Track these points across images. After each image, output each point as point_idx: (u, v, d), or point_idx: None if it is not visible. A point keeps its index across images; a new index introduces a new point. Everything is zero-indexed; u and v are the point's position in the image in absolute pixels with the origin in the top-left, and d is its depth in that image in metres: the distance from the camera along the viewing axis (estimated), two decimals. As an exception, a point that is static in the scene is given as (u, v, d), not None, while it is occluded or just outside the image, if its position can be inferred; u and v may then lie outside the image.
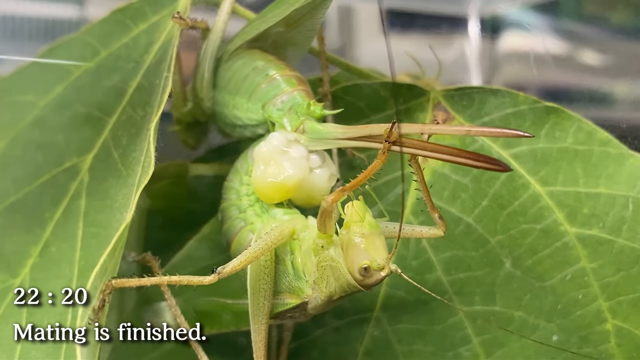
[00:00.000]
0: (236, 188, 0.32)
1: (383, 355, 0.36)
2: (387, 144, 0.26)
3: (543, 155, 0.34)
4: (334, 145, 0.30)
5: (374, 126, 0.28)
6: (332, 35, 0.60)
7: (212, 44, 0.34)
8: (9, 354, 0.30)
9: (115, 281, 0.28)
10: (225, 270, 0.28)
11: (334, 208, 0.27)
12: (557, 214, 0.34)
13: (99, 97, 0.35)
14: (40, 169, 0.34)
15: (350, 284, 0.28)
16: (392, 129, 0.26)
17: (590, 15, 0.50)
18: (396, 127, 0.26)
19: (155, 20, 0.36)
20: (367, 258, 0.27)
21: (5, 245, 0.33)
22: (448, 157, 0.26)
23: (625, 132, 0.36)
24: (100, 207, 0.32)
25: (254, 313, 0.30)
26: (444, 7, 0.57)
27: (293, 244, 0.30)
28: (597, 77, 0.48)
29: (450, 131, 0.31)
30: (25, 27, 0.48)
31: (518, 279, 0.35)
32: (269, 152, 0.30)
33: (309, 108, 0.30)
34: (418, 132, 0.28)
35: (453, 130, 0.31)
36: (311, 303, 0.30)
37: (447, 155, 0.26)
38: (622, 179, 0.33)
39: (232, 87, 0.34)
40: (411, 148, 0.27)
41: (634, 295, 0.33)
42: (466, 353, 0.35)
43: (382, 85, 0.37)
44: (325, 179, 0.31)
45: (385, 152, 0.27)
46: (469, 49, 0.57)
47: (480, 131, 0.27)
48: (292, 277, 0.30)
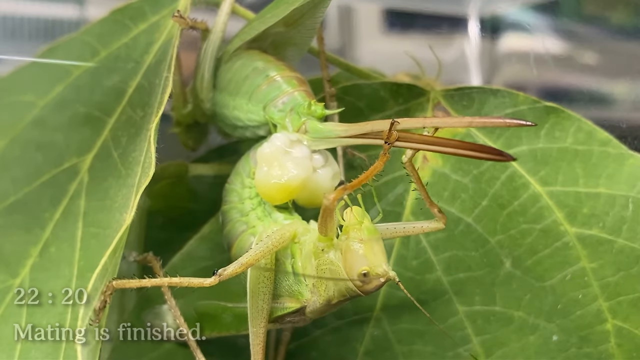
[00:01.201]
0: (238, 191, 0.32)
1: (383, 355, 0.37)
2: (387, 145, 0.26)
3: (543, 155, 0.34)
4: (337, 144, 0.30)
5: (375, 122, 0.27)
6: (332, 35, 0.60)
7: (212, 45, 0.34)
8: (8, 354, 0.30)
9: (116, 282, 0.28)
10: (225, 272, 0.28)
11: (335, 206, 0.27)
12: (557, 214, 0.34)
13: (99, 97, 0.35)
14: (39, 169, 0.34)
15: (349, 288, 0.28)
16: (391, 130, 0.26)
17: (590, 15, 0.50)
18: (396, 126, 0.26)
19: (155, 20, 0.36)
20: (366, 264, 0.27)
21: (5, 246, 0.33)
22: (451, 149, 0.26)
23: (625, 132, 0.36)
24: (100, 208, 0.32)
25: (252, 316, 0.30)
26: (444, 7, 0.57)
27: (294, 248, 0.30)
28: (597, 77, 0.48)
29: (452, 123, 0.31)
30: (25, 27, 0.48)
31: (518, 279, 0.35)
32: (271, 153, 0.30)
33: (310, 108, 0.30)
34: (419, 126, 0.27)
35: (454, 122, 0.31)
36: (309, 307, 0.30)
37: (449, 148, 0.26)
38: (622, 179, 0.33)
39: (232, 88, 0.34)
40: (413, 143, 0.27)
41: (634, 295, 0.33)
42: (466, 353, 0.35)
43: (382, 85, 0.37)
44: (328, 178, 0.30)
45: (387, 153, 0.27)
46: (469, 49, 0.57)
47: (482, 122, 0.27)
48: (292, 280, 0.30)
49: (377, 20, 0.61)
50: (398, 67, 0.47)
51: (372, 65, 0.45)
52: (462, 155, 0.26)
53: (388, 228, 0.30)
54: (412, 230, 0.30)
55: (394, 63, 0.49)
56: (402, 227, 0.30)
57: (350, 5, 0.61)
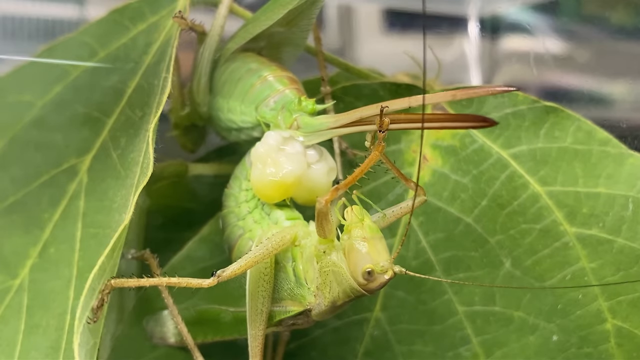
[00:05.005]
0: (235, 195, 0.32)
1: (383, 355, 0.37)
2: (380, 133, 0.27)
3: (542, 155, 0.34)
4: (330, 136, 0.30)
5: (364, 108, 0.28)
6: (332, 35, 0.60)
7: (209, 48, 0.34)
8: (8, 354, 0.30)
9: (114, 281, 0.28)
10: (224, 273, 0.28)
11: (328, 208, 0.27)
12: (556, 214, 0.34)
13: (98, 97, 0.35)
14: (39, 170, 0.34)
15: (354, 288, 0.28)
16: (382, 117, 0.26)
17: (590, 15, 0.50)
18: (385, 110, 0.26)
19: (154, 20, 0.36)
20: (370, 262, 0.27)
21: (4, 246, 0.33)
22: (438, 124, 0.27)
23: (625, 132, 0.36)
24: (99, 208, 0.32)
25: (251, 318, 0.30)
26: (444, 7, 0.57)
27: (294, 251, 0.30)
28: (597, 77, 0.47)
29: (436, 99, 0.31)
30: (25, 27, 0.48)
31: (518, 279, 0.35)
32: (265, 152, 0.30)
33: (300, 104, 0.30)
34: (405, 106, 0.27)
35: (438, 97, 0.30)
36: (315, 309, 0.30)
37: (436, 122, 0.27)
38: (621, 178, 0.33)
39: (226, 91, 0.34)
40: (402, 123, 0.27)
41: (634, 295, 0.33)
42: (466, 353, 0.35)
43: (381, 85, 0.37)
44: (324, 173, 0.30)
45: (382, 142, 0.27)
46: (469, 49, 0.57)
47: (466, 93, 0.28)
48: (293, 284, 0.30)
49: (377, 20, 0.61)
50: (398, 67, 0.47)
51: (372, 66, 0.45)
52: (449, 127, 0.28)
53: (380, 217, 0.30)
54: (400, 211, 0.30)
55: (393, 63, 0.49)
56: (391, 211, 0.30)
57: (350, 5, 0.61)
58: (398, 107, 0.27)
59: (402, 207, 0.30)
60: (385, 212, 0.30)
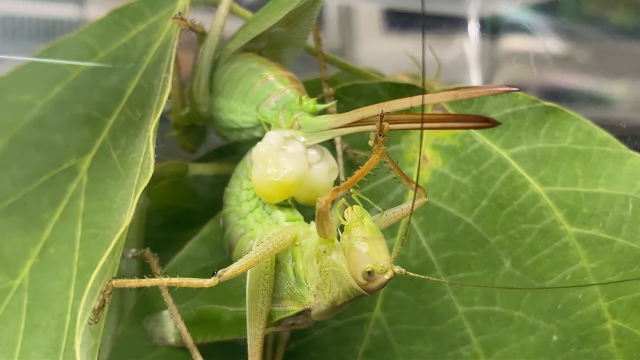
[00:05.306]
0: (236, 194, 0.32)
1: (383, 355, 0.37)
2: (381, 137, 0.27)
3: (542, 155, 0.34)
4: (331, 136, 0.30)
5: (366, 109, 0.28)
6: (332, 35, 0.60)
7: (209, 49, 0.34)
8: (8, 354, 0.30)
9: (115, 281, 0.28)
10: (225, 273, 0.28)
11: (328, 209, 0.27)
12: (556, 214, 0.34)
13: (98, 97, 0.35)
14: (39, 170, 0.34)
15: (354, 288, 0.28)
16: (381, 121, 0.26)
17: (590, 15, 0.50)
18: (385, 112, 0.26)
19: (154, 20, 0.36)
20: (370, 261, 0.27)
21: (4, 246, 0.33)
22: (438, 124, 0.27)
23: (625, 132, 0.36)
24: (99, 208, 0.32)
25: (251, 318, 0.30)
26: (444, 7, 0.57)
27: (295, 251, 0.30)
28: (597, 77, 0.47)
29: (437, 99, 0.31)
30: (25, 27, 0.48)
31: (518, 279, 0.35)
32: (266, 152, 0.30)
33: (301, 103, 0.30)
34: (407, 106, 0.27)
35: (440, 97, 0.30)
36: (315, 309, 0.30)
37: (437, 123, 0.27)
38: (621, 178, 0.33)
39: (226, 91, 0.34)
40: (402, 123, 0.27)
41: (634, 295, 0.33)
42: (466, 353, 0.35)
43: (381, 85, 0.37)
44: (325, 173, 0.30)
45: (382, 145, 0.27)
46: (469, 49, 0.57)
47: (467, 93, 0.28)
48: (293, 283, 0.30)
49: (377, 20, 0.61)
50: (398, 67, 0.47)
51: (372, 66, 0.45)
52: (450, 127, 0.27)
53: (379, 217, 0.30)
54: (401, 212, 0.30)
55: (393, 63, 0.49)
56: (392, 212, 0.30)
57: (350, 5, 0.61)
58: (399, 107, 0.27)
59: (403, 208, 0.30)
60: (386, 213, 0.30)
